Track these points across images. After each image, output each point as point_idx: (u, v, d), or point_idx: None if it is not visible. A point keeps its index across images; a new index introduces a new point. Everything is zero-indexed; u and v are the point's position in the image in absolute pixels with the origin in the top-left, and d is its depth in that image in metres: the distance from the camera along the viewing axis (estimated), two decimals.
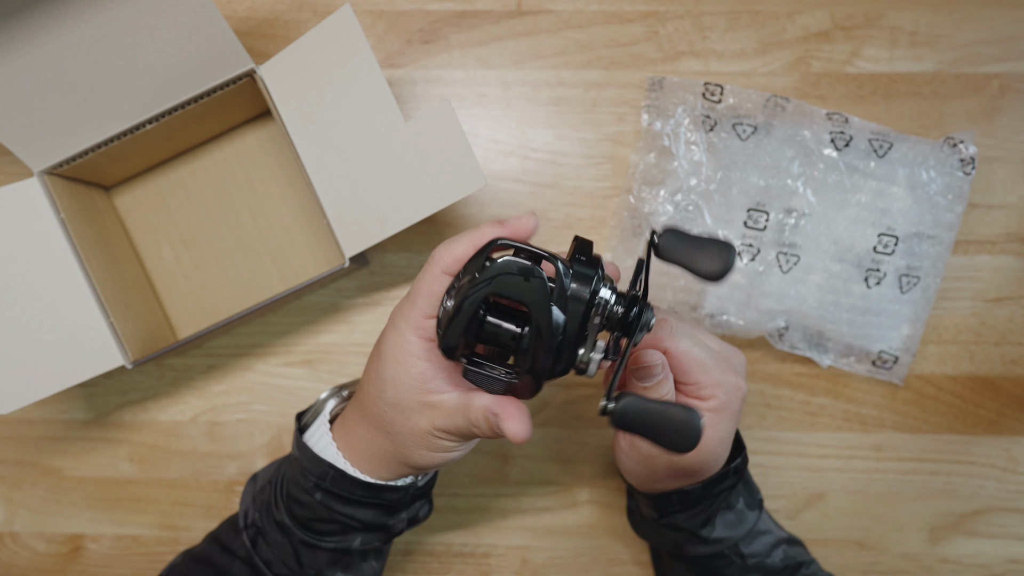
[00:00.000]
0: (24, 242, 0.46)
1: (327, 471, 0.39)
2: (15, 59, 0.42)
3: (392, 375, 0.37)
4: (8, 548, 0.56)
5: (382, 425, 0.38)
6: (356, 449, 0.40)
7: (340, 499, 0.40)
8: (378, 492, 0.40)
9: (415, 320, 0.36)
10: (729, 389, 0.39)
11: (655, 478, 0.42)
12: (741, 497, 0.44)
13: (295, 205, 0.54)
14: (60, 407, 0.56)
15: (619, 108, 0.54)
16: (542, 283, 0.32)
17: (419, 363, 0.36)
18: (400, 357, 0.36)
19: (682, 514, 0.43)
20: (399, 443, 0.38)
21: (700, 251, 0.32)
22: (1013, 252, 0.54)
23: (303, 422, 0.43)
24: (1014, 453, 0.54)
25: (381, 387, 0.37)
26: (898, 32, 0.54)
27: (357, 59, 0.45)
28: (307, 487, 0.40)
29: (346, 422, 0.41)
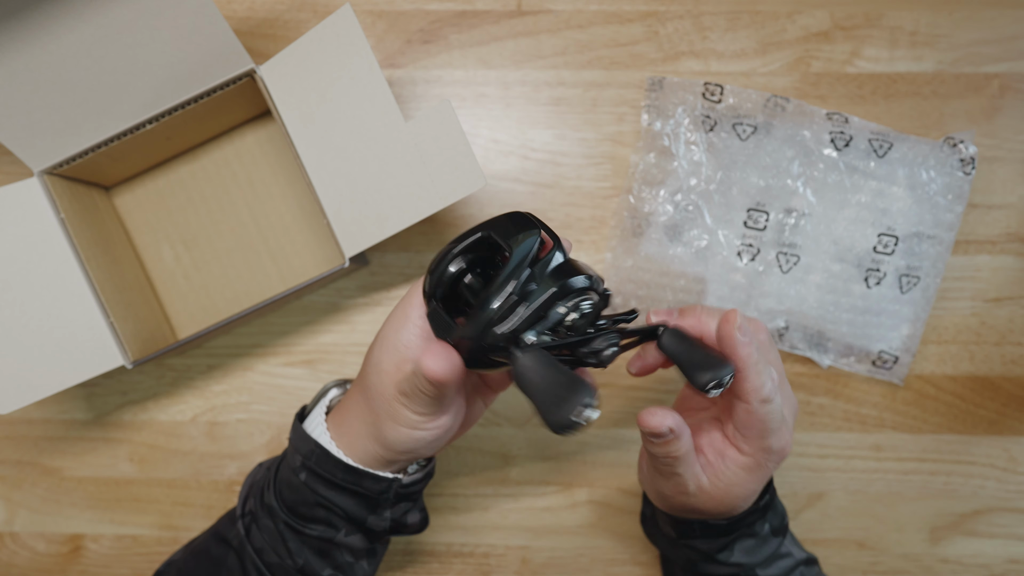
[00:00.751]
0: (24, 242, 0.46)
1: (312, 449, 0.39)
2: (15, 59, 0.42)
3: (383, 335, 0.37)
4: (8, 548, 0.56)
5: (366, 391, 0.38)
6: (343, 427, 0.40)
7: (323, 480, 0.39)
8: (359, 478, 0.39)
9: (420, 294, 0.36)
10: (771, 456, 0.37)
11: (674, 509, 0.41)
12: (768, 524, 0.42)
13: (295, 205, 0.54)
14: (60, 407, 0.56)
15: (619, 108, 0.54)
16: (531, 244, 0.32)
17: (412, 328, 0.36)
18: (400, 321, 0.36)
19: (702, 540, 0.42)
20: (374, 410, 0.37)
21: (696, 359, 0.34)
22: (1013, 252, 0.54)
23: (306, 410, 0.44)
24: (1014, 453, 0.54)
25: (372, 350, 0.38)
26: (898, 32, 0.54)
27: (357, 59, 0.45)
28: (294, 466, 0.40)
29: (342, 403, 0.41)
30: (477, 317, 0.32)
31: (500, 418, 0.55)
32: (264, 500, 0.42)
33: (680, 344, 0.36)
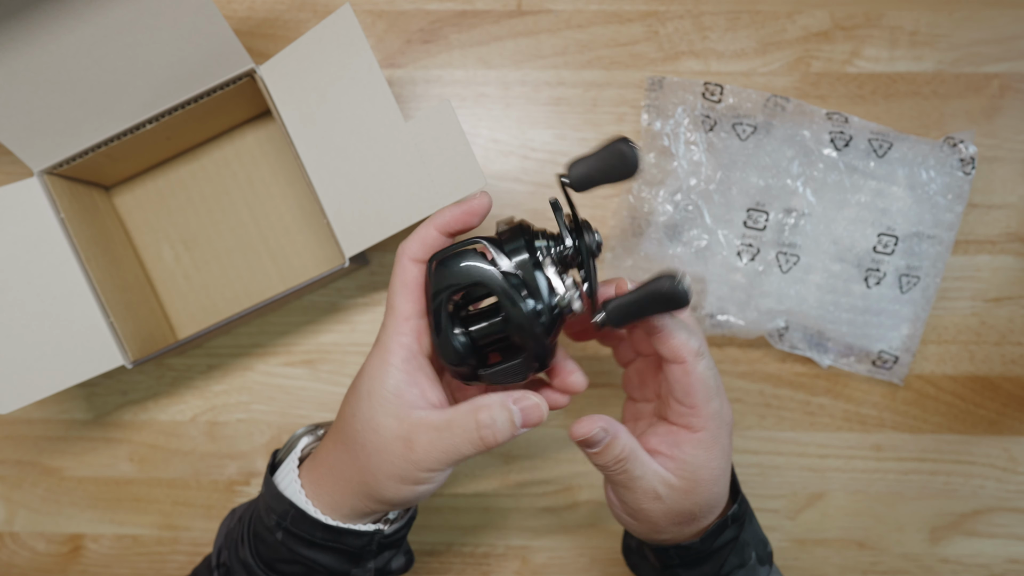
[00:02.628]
0: (24, 242, 0.46)
1: (288, 510, 0.37)
2: (15, 59, 0.42)
3: (368, 389, 0.35)
4: (8, 548, 0.56)
5: (352, 446, 0.36)
6: (322, 484, 0.37)
7: (301, 540, 0.37)
8: (339, 536, 0.37)
9: (396, 325, 0.35)
10: (721, 422, 0.37)
11: (656, 529, 0.38)
12: (754, 551, 0.41)
13: (295, 205, 0.54)
14: (60, 407, 0.56)
15: (619, 108, 0.54)
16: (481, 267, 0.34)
17: (396, 375, 0.35)
18: (379, 370, 0.35)
19: (685, 570, 0.40)
20: (368, 469, 0.35)
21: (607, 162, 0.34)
22: (1013, 252, 0.54)
23: (277, 458, 0.41)
24: (1014, 453, 0.54)
25: (356, 403, 0.35)
26: (898, 32, 0.54)
27: (357, 59, 0.45)
28: (269, 525, 0.38)
29: (317, 455, 0.39)
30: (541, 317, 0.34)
31: None
32: (239, 555, 0.39)
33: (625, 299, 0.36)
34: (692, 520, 0.38)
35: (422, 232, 0.36)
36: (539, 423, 0.35)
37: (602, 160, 0.34)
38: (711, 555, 0.40)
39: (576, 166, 0.34)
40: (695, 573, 0.40)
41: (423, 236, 0.36)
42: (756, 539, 0.42)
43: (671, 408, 0.37)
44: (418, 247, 0.36)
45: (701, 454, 0.36)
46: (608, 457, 0.36)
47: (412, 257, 0.36)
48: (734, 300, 0.52)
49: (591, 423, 0.35)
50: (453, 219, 0.36)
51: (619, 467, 0.36)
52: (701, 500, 0.37)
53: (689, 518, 0.38)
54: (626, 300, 0.34)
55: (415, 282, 0.36)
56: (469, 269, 0.34)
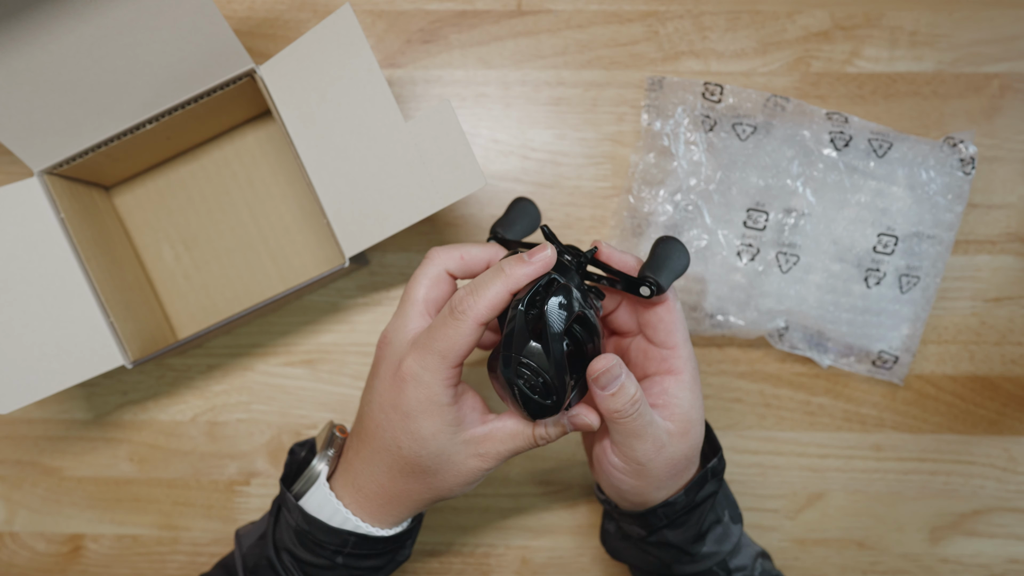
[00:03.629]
0: (24, 242, 0.46)
1: (348, 539, 0.40)
2: (15, 59, 0.42)
3: (431, 431, 0.37)
4: (8, 548, 0.56)
5: (423, 476, 0.38)
6: (372, 504, 0.40)
7: (362, 557, 0.41)
8: (397, 539, 0.41)
9: (444, 373, 0.36)
10: (695, 364, 0.40)
11: (656, 485, 0.39)
12: (726, 510, 0.44)
13: (295, 205, 0.54)
14: (60, 407, 0.56)
15: (619, 108, 0.54)
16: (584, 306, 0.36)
17: (451, 410, 0.37)
18: (432, 411, 0.36)
19: (672, 530, 0.42)
20: (438, 485, 0.39)
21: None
22: (1013, 252, 0.54)
23: (295, 491, 0.42)
24: (1014, 453, 0.54)
25: (422, 444, 0.37)
26: (898, 32, 0.54)
27: (357, 59, 0.45)
28: (325, 555, 0.40)
29: (357, 482, 0.40)
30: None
31: None
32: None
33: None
34: (686, 467, 0.40)
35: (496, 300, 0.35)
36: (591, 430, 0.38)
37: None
38: (694, 510, 0.41)
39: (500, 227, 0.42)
40: (679, 532, 0.42)
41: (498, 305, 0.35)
42: (728, 500, 0.44)
43: (652, 358, 0.40)
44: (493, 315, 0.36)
45: (687, 395, 0.39)
46: (624, 398, 0.36)
47: (481, 322, 0.35)
48: (734, 300, 0.52)
49: (608, 357, 0.36)
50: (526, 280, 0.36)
51: (634, 409, 0.36)
52: (694, 442, 0.39)
53: (684, 465, 0.40)
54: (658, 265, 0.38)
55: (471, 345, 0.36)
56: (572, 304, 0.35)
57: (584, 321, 0.36)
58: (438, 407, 0.36)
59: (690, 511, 0.41)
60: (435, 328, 0.36)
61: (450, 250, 0.40)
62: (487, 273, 0.36)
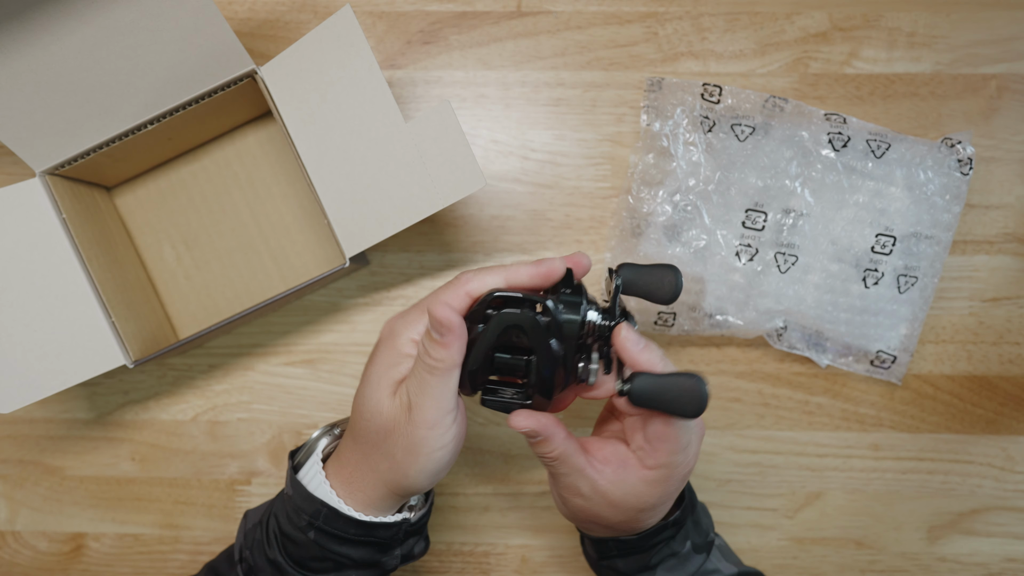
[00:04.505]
0: (26, 242, 0.46)
1: (320, 509, 0.39)
2: (17, 60, 0.42)
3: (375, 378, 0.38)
4: (10, 547, 0.57)
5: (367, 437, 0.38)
6: (352, 483, 0.40)
7: (334, 538, 0.39)
8: (372, 530, 0.40)
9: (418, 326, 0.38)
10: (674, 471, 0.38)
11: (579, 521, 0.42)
12: (688, 540, 0.42)
13: (296, 205, 0.55)
14: (62, 406, 0.56)
15: (618, 109, 0.54)
16: (537, 327, 0.36)
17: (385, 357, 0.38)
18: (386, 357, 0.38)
19: (622, 560, 0.42)
20: (388, 453, 0.38)
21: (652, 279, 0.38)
22: (1011, 252, 0.54)
23: (296, 461, 0.42)
24: (1011, 452, 0.54)
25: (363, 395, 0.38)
26: (896, 33, 0.54)
27: (357, 60, 0.45)
28: (300, 525, 0.39)
29: (340, 456, 0.41)
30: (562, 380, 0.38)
31: (500, 418, 0.55)
32: (267, 555, 0.41)
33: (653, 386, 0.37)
34: (609, 529, 0.40)
35: (489, 278, 0.37)
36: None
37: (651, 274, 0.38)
38: (647, 551, 0.42)
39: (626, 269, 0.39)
40: (629, 562, 0.42)
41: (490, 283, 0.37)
42: (699, 528, 0.43)
43: (632, 438, 0.39)
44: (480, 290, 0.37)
45: (641, 486, 0.38)
46: (539, 452, 0.39)
47: (471, 293, 0.37)
48: (733, 300, 0.52)
49: (524, 421, 0.38)
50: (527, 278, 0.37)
51: (547, 462, 0.39)
52: (625, 519, 0.39)
53: (606, 526, 0.40)
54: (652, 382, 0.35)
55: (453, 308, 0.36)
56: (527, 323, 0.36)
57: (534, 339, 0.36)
58: (399, 360, 0.37)
59: (638, 551, 0.42)
60: (430, 295, 0.39)
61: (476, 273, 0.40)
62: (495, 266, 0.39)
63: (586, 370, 0.38)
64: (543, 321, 0.36)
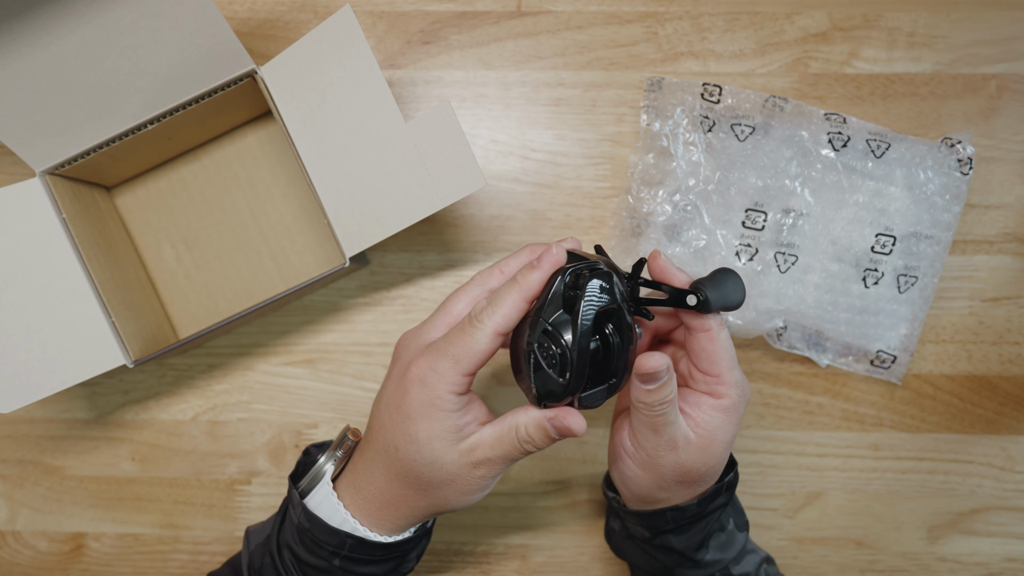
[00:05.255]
0: (26, 242, 0.46)
1: (345, 540, 0.39)
2: (17, 60, 0.42)
3: (427, 435, 0.36)
4: (10, 547, 0.57)
5: (418, 484, 0.38)
6: (371, 508, 0.40)
7: (360, 562, 0.40)
8: (397, 547, 0.41)
9: (453, 379, 0.36)
10: (741, 392, 0.39)
11: (660, 484, 0.40)
12: (732, 518, 0.44)
13: (296, 205, 0.55)
14: (62, 406, 0.56)
15: (618, 108, 0.54)
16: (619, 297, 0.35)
17: (452, 416, 0.36)
18: (432, 415, 0.36)
19: (676, 536, 0.42)
20: (436, 495, 0.38)
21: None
22: (1011, 252, 0.54)
23: (300, 487, 0.42)
24: (1012, 452, 0.54)
25: (417, 448, 0.37)
26: (896, 33, 0.54)
27: (357, 60, 0.45)
28: (323, 555, 0.40)
29: (357, 483, 0.40)
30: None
31: None
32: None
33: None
34: (694, 482, 0.40)
35: (508, 307, 0.36)
36: (573, 435, 0.36)
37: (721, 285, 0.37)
38: (701, 519, 0.41)
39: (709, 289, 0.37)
40: (683, 539, 0.42)
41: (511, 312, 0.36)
42: (735, 508, 0.45)
43: (695, 378, 0.39)
44: (507, 323, 0.36)
45: (720, 417, 0.38)
46: (661, 395, 0.37)
47: (500, 331, 0.36)
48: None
49: (660, 359, 0.36)
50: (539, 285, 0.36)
51: (662, 408, 0.37)
52: (711, 462, 0.39)
53: (693, 478, 0.39)
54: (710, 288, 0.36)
55: (489, 353, 0.36)
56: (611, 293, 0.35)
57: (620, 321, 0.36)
58: (439, 412, 0.36)
59: (697, 520, 0.41)
60: (452, 334, 0.36)
61: (490, 270, 0.39)
62: (504, 285, 0.37)
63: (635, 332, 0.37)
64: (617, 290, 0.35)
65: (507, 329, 0.36)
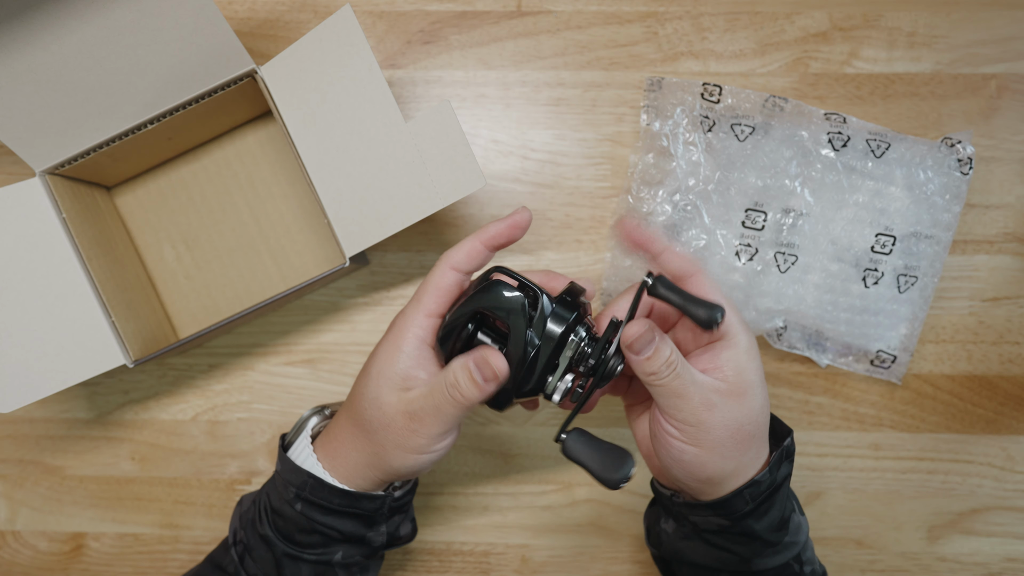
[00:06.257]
0: (26, 242, 0.46)
1: (306, 480, 0.40)
2: (17, 60, 0.43)
3: (377, 369, 0.38)
4: (10, 547, 0.57)
5: (363, 424, 0.39)
6: (336, 457, 0.41)
7: (319, 508, 0.40)
8: (355, 500, 0.40)
9: (416, 320, 0.38)
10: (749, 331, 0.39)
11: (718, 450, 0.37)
12: (795, 501, 0.42)
13: (296, 205, 0.55)
14: (62, 406, 0.56)
15: (618, 108, 0.54)
16: (523, 308, 0.36)
17: (404, 359, 0.38)
18: (389, 353, 0.38)
19: (756, 519, 0.39)
20: (378, 442, 0.38)
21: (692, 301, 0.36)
22: (1011, 252, 0.54)
23: (287, 440, 0.44)
24: (1011, 452, 0.54)
25: (366, 382, 0.39)
26: (896, 33, 0.54)
27: (357, 60, 0.45)
28: (288, 498, 0.40)
29: (329, 432, 0.42)
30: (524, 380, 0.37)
31: (500, 417, 0.55)
32: (259, 531, 0.42)
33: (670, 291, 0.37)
34: (750, 436, 0.38)
35: (467, 245, 0.38)
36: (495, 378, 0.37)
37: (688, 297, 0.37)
38: (776, 492, 0.39)
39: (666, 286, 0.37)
40: (764, 520, 0.39)
41: (468, 249, 0.38)
42: (792, 493, 0.43)
43: (700, 335, 0.39)
44: (463, 258, 0.38)
45: (742, 357, 0.38)
46: (659, 360, 0.36)
47: (454, 266, 0.38)
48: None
49: (640, 324, 0.36)
50: (498, 234, 0.39)
51: (671, 371, 0.36)
52: (753, 405, 0.37)
53: (747, 432, 0.37)
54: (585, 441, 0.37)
55: (448, 287, 0.38)
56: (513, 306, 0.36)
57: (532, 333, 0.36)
58: (396, 351, 0.38)
59: (773, 493, 0.39)
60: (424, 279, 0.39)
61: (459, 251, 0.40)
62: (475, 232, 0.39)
63: (552, 385, 0.37)
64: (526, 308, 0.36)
65: (461, 265, 0.38)
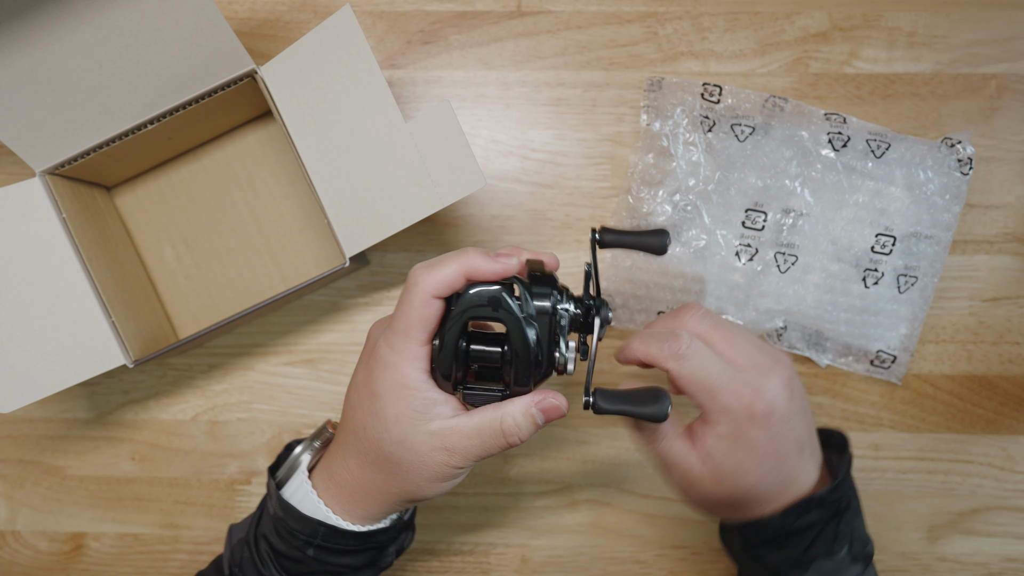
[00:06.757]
0: (26, 242, 0.46)
1: (318, 529, 0.39)
2: (17, 60, 0.43)
3: (395, 413, 0.36)
4: (10, 547, 0.57)
5: (386, 466, 0.37)
6: (343, 494, 0.39)
7: (334, 552, 0.39)
8: (371, 537, 0.40)
9: (410, 351, 0.36)
10: (738, 417, 0.36)
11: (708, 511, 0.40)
12: (846, 545, 0.39)
13: (296, 205, 0.55)
14: (62, 406, 0.56)
15: (618, 108, 0.54)
16: (510, 307, 0.35)
17: (419, 395, 0.36)
18: (399, 393, 0.36)
19: (770, 550, 0.39)
20: (405, 479, 0.37)
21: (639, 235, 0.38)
22: (1011, 252, 0.54)
23: (278, 478, 0.42)
24: (1012, 452, 0.54)
25: (384, 427, 0.36)
26: (896, 33, 0.54)
27: (357, 60, 0.45)
28: (297, 545, 0.39)
29: (330, 469, 0.40)
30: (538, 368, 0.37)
31: None
32: (261, 572, 0.41)
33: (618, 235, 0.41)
34: (737, 508, 0.38)
35: (448, 273, 0.35)
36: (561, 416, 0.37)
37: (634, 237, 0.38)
38: (793, 535, 0.38)
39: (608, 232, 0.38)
40: (778, 555, 0.39)
41: (448, 278, 0.35)
42: (855, 535, 0.40)
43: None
44: (443, 288, 0.35)
45: (721, 446, 0.37)
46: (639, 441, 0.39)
47: (435, 294, 0.35)
48: (732, 300, 0.52)
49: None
50: (483, 272, 0.35)
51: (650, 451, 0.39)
52: (735, 491, 0.37)
53: (731, 506, 0.38)
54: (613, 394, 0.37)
55: (434, 317, 0.36)
56: (499, 301, 0.35)
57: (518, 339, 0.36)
58: (405, 390, 0.36)
59: (788, 535, 0.38)
60: (398, 306, 0.36)
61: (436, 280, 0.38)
62: (450, 253, 0.36)
63: (563, 357, 0.37)
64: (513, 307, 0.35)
65: (440, 292, 0.35)
